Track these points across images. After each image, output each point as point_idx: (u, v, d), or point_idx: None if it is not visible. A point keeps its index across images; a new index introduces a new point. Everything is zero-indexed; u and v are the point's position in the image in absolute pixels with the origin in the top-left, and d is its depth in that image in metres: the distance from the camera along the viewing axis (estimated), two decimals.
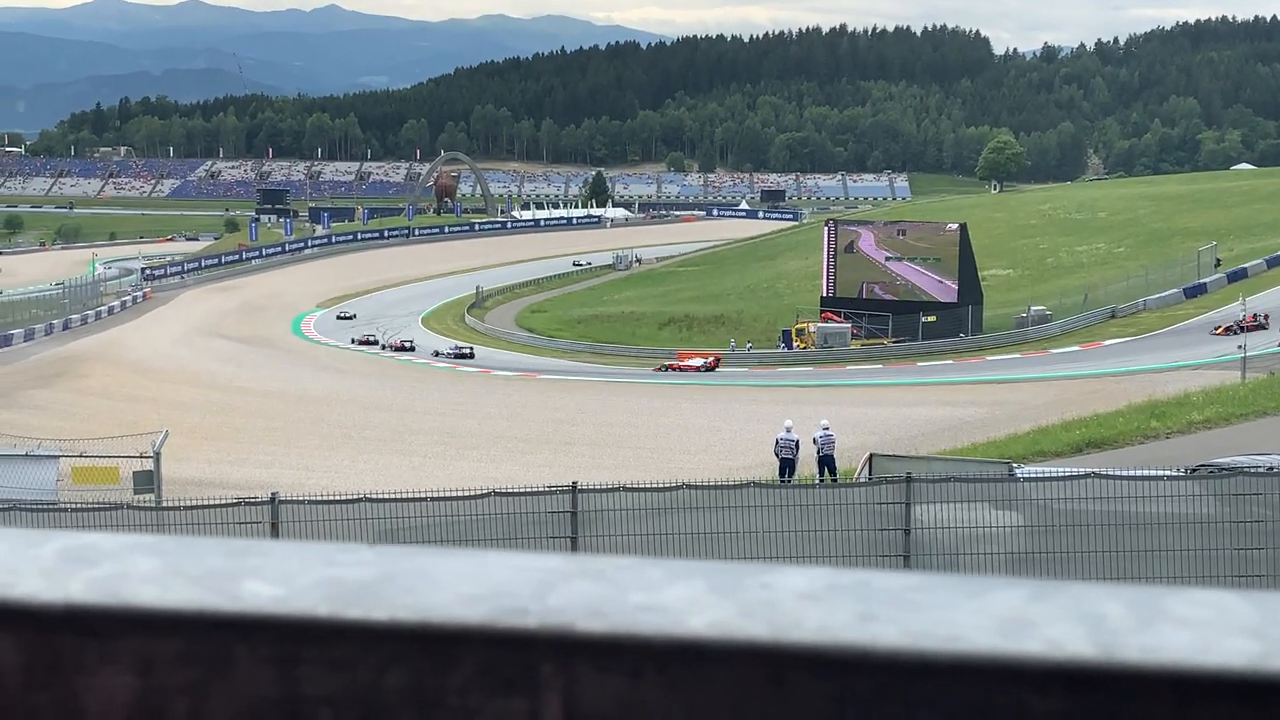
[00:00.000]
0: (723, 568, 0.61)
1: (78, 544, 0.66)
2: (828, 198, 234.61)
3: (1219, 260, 69.69)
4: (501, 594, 0.60)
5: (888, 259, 66.70)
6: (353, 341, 70.44)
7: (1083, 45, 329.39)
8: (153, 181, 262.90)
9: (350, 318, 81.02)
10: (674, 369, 57.13)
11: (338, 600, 0.60)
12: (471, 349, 65.80)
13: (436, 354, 65.06)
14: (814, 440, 25.62)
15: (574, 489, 16.99)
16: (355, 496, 17.58)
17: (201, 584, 0.62)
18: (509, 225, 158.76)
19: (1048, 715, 0.53)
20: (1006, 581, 0.59)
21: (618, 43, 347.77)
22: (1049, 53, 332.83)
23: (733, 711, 0.56)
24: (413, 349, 67.62)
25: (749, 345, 65.11)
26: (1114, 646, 0.54)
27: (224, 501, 17.78)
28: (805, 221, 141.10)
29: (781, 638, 0.56)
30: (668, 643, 0.57)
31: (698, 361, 57.64)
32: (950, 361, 55.53)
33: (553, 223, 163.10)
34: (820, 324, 63.81)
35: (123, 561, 0.64)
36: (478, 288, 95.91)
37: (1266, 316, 53.14)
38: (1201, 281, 65.75)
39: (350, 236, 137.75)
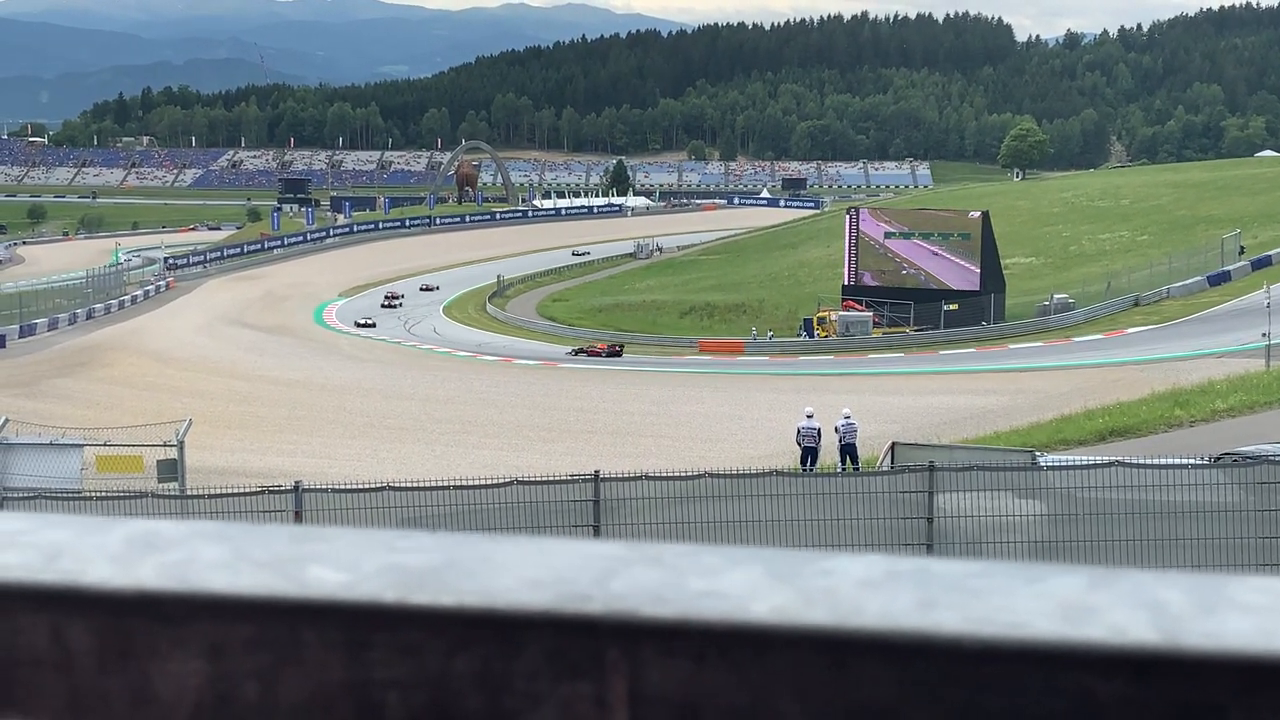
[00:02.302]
0: (780, 555, 0.62)
1: (143, 530, 0.66)
2: (849, 186, 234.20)
3: (1243, 248, 69.27)
4: (564, 580, 0.60)
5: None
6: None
7: (1106, 32, 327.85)
8: (175, 171, 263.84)
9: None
10: None
11: (403, 586, 0.60)
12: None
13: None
14: (836, 429, 25.57)
15: (596, 477, 16.99)
16: (378, 485, 17.63)
17: (269, 570, 0.62)
18: (530, 214, 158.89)
19: (1112, 701, 0.54)
20: (1065, 568, 0.59)
21: (638, 31, 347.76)
22: (1072, 39, 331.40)
23: (796, 696, 0.56)
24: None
25: (770, 334, 65.02)
26: (1177, 633, 0.54)
27: (248, 490, 17.84)
28: (826, 210, 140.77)
29: (844, 624, 0.56)
30: (731, 628, 0.57)
31: None
32: (972, 350, 55.37)
33: (574, 212, 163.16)
34: (842, 312, 63.66)
35: (189, 548, 0.65)
36: (499, 277, 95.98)
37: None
38: (1225, 269, 65.37)
39: (372, 226, 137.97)
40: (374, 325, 74.87)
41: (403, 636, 0.60)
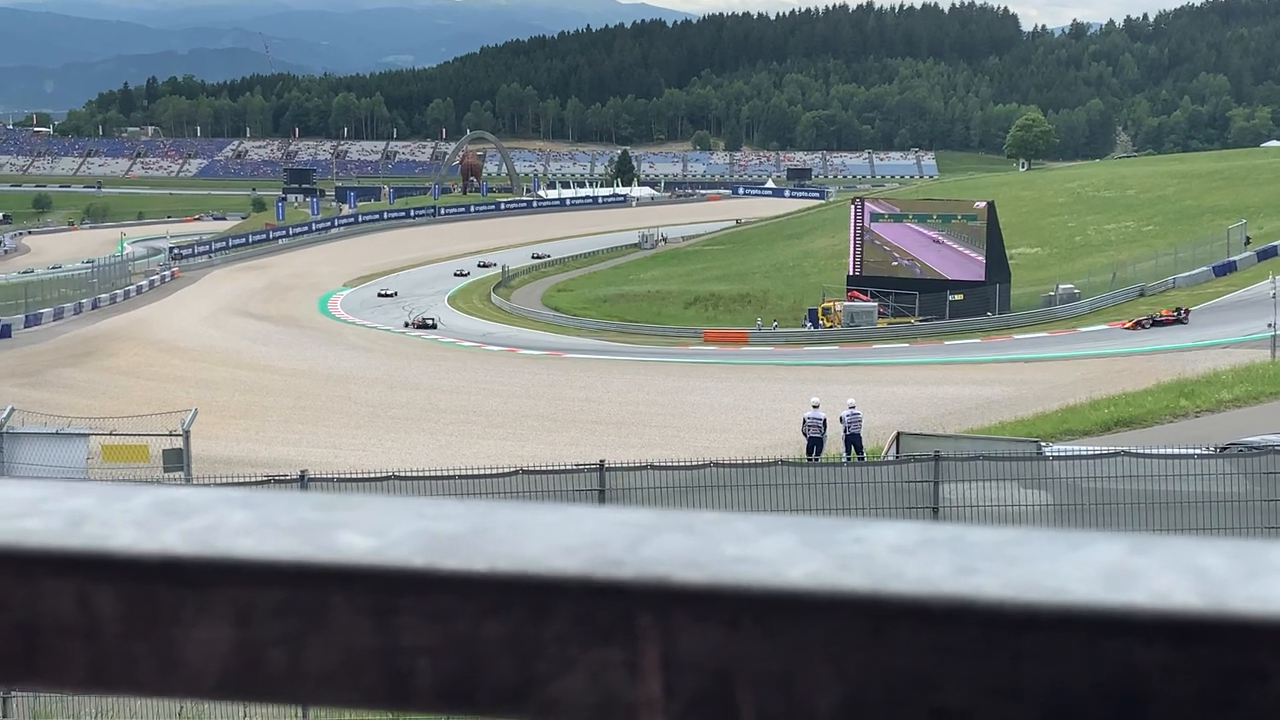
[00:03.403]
0: (812, 522, 0.61)
1: (167, 497, 0.66)
2: (854, 176, 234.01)
3: (1249, 238, 69.21)
4: (595, 545, 0.60)
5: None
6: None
7: (1112, 22, 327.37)
8: (180, 161, 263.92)
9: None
10: None
11: (433, 551, 0.60)
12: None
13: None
14: (841, 419, 25.58)
15: (601, 467, 16.98)
16: (384, 475, 17.63)
17: (296, 535, 0.62)
18: (535, 204, 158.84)
19: (1155, 666, 0.53)
20: (1104, 535, 0.58)
21: (643, 21, 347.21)
22: (1078, 29, 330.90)
23: (833, 662, 0.56)
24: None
25: (775, 324, 64.99)
26: (1221, 598, 0.53)
27: (253, 479, 17.86)
28: (832, 200, 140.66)
29: (881, 589, 0.55)
30: (766, 593, 0.56)
31: None
32: (977, 340, 55.33)
33: (578, 202, 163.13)
34: (846, 303, 63.60)
35: (215, 514, 0.64)
36: (504, 267, 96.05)
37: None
38: (1231, 259, 65.28)
39: (376, 216, 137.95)
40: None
41: (432, 602, 0.59)
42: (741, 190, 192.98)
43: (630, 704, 0.58)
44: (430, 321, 68.21)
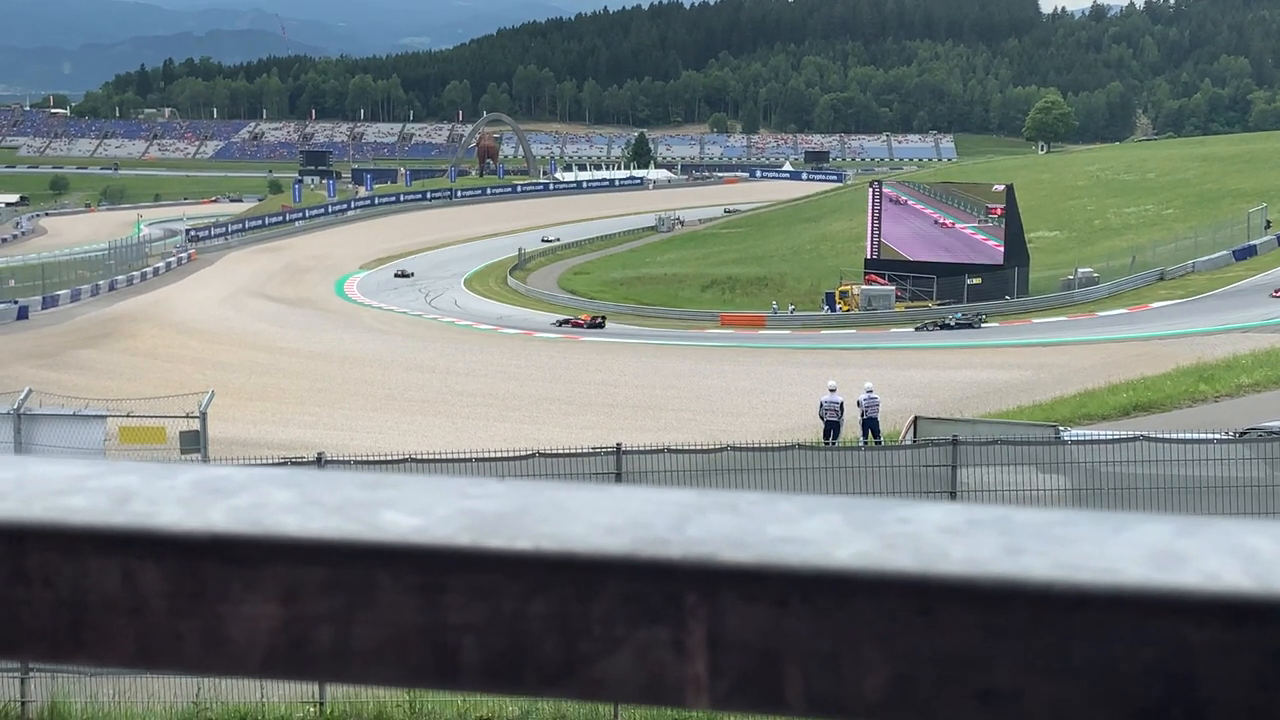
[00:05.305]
0: (856, 502, 0.61)
1: (210, 476, 0.66)
2: (872, 159, 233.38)
3: (1269, 222, 68.80)
4: (639, 525, 0.60)
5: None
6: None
7: (1132, 4, 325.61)
8: (196, 143, 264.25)
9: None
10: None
11: (478, 530, 0.60)
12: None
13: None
14: (858, 403, 25.53)
15: (618, 450, 16.93)
16: (400, 457, 17.61)
17: (341, 514, 0.62)
18: (551, 187, 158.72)
19: (1206, 647, 0.53)
20: (1150, 516, 0.59)
21: (661, 2, 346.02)
22: (1098, 11, 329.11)
23: (881, 642, 0.56)
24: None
25: (791, 307, 64.85)
26: (1272, 579, 0.54)
27: (270, 461, 17.85)
28: (849, 183, 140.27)
29: (930, 569, 0.56)
30: (814, 573, 0.56)
31: None
32: (995, 324, 55.15)
33: (595, 184, 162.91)
34: (864, 286, 63.46)
35: (259, 492, 0.65)
36: (520, 249, 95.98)
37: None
38: (1251, 243, 64.93)
39: (393, 198, 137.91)
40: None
41: (478, 580, 0.60)
42: (759, 173, 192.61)
43: (676, 683, 0.58)
44: (407, 271, 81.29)
